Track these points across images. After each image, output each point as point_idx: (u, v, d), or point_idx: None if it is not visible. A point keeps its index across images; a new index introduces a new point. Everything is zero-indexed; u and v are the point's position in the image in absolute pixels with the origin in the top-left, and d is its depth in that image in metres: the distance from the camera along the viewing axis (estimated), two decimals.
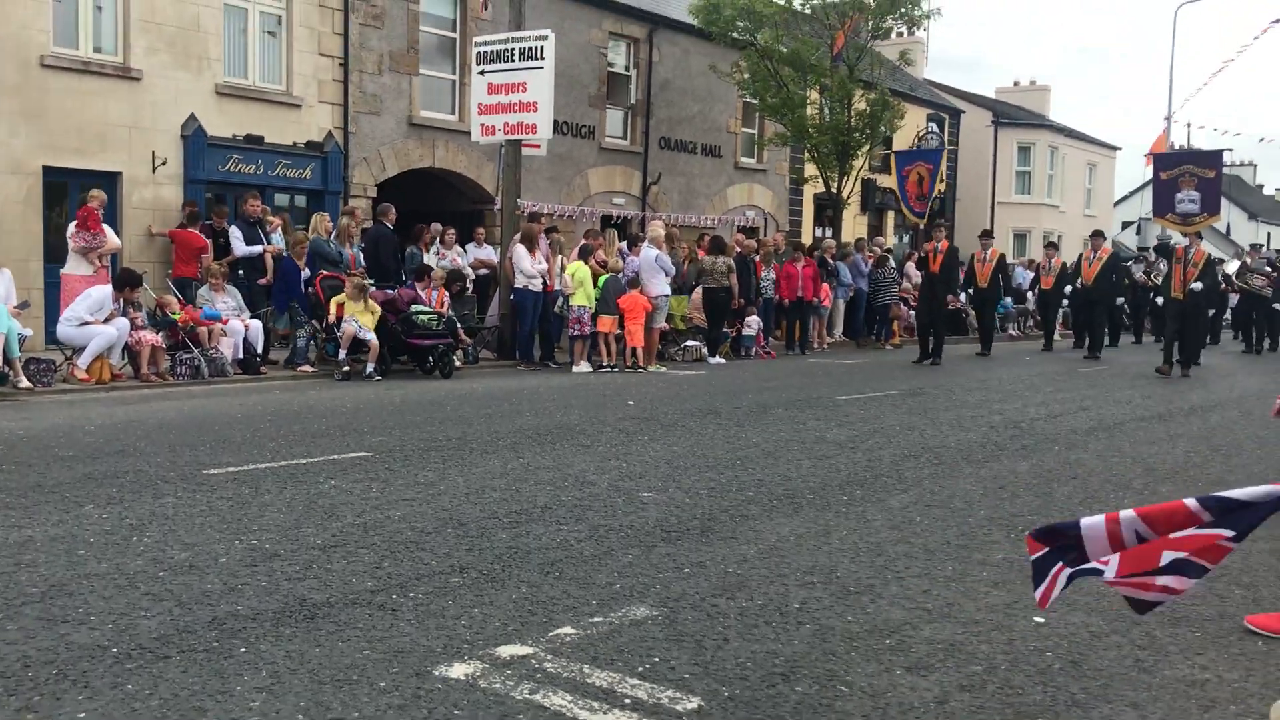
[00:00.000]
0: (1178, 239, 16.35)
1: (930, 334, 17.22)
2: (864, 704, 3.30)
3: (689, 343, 17.39)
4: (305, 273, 13.73)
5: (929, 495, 6.48)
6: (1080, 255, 20.88)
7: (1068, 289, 20.52)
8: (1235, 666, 3.70)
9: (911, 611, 4.19)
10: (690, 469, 7.11)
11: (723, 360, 16.92)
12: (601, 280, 15.37)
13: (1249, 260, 24.35)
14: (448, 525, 5.39)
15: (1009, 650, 3.76)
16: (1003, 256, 20.88)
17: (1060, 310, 22.82)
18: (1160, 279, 19.38)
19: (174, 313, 12.30)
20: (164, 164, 15.83)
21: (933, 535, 5.46)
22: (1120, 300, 22.67)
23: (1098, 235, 20.40)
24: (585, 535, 5.25)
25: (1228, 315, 27.43)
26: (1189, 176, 16.03)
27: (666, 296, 16.09)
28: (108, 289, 11.70)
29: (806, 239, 26.07)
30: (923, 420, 9.98)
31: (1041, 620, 4.07)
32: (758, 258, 18.60)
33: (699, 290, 17.39)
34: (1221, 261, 26.87)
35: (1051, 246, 23.13)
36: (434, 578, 4.49)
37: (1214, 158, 17.29)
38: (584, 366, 14.77)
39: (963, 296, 21.09)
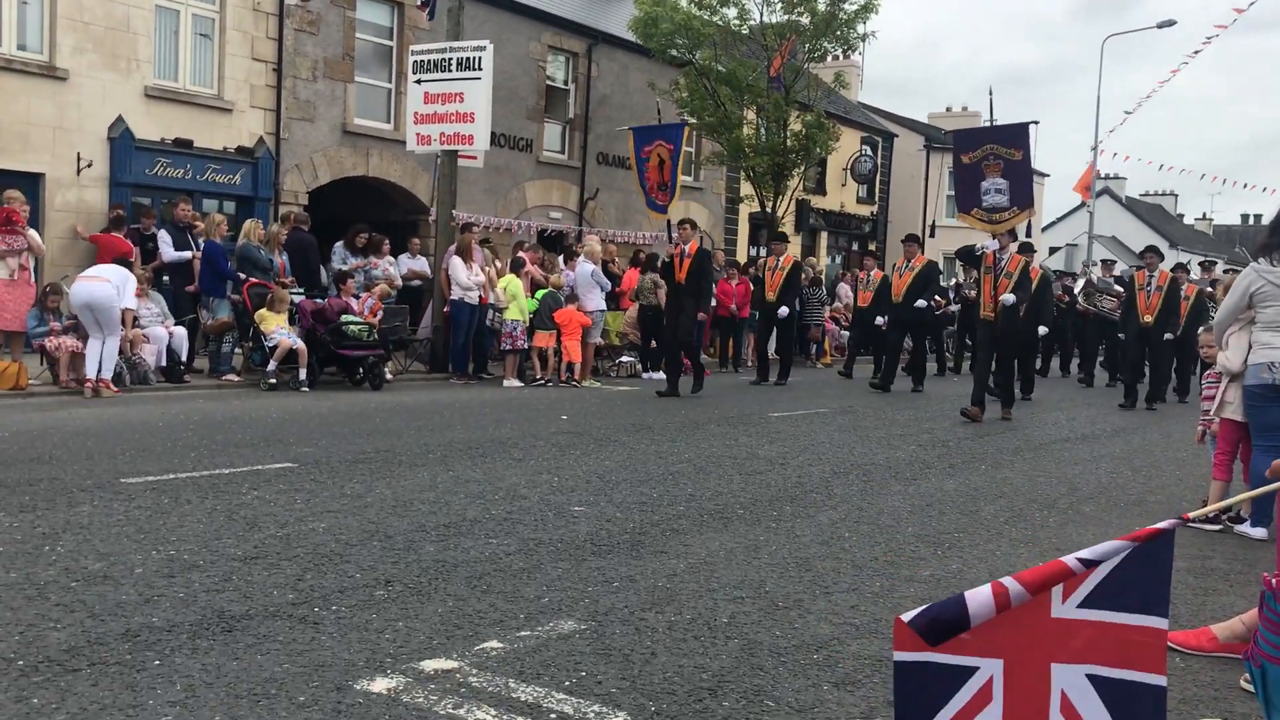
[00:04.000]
0: (987, 243, 12.70)
1: (681, 358, 13.98)
2: (791, 719, 3.28)
3: (624, 358, 17.38)
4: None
5: (858, 512, 6.51)
6: (893, 266, 17.23)
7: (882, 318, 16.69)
8: None
9: (839, 627, 4.19)
10: (622, 483, 7.08)
11: (658, 375, 16.92)
12: (539, 294, 15.30)
13: (1095, 278, 20.37)
14: (373, 538, 5.29)
15: None
16: (797, 263, 17.20)
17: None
18: (974, 293, 15.11)
19: None
20: (89, 166, 15.49)
21: (861, 551, 5.48)
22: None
23: (910, 241, 16.67)
24: (514, 549, 5.19)
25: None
26: (994, 160, 12.30)
27: (602, 312, 16.08)
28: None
29: (741, 258, 26.24)
30: (853, 437, 10.06)
31: None
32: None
33: (635, 306, 17.40)
34: (1071, 276, 23.03)
35: (871, 256, 19.19)
36: (358, 590, 4.40)
37: (1019, 133, 12.58)
38: (515, 382, 14.68)
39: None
